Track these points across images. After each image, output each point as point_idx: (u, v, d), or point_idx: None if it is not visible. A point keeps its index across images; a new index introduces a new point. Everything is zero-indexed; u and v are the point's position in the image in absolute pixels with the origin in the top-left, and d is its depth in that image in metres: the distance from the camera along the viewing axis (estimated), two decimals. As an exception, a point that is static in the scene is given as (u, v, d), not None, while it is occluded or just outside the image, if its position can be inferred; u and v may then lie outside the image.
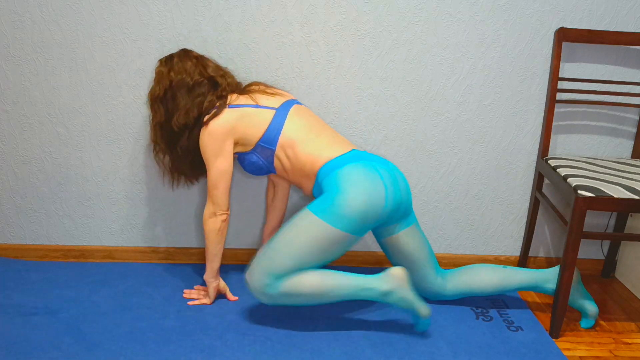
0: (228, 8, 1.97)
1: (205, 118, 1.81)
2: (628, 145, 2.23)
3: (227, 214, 1.85)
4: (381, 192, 1.72)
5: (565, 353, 1.84)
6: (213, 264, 1.91)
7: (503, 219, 2.31)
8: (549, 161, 2.06)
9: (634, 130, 2.22)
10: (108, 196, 2.16)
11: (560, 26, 2.07)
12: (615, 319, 2.07)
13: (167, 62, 1.86)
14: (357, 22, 2.02)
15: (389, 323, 1.90)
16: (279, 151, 1.82)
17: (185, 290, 2.01)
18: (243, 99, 1.85)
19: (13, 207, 2.16)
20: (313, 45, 2.04)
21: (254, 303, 1.98)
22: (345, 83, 2.09)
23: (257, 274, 1.74)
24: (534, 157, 2.22)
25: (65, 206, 2.16)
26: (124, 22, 1.97)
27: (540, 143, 2.18)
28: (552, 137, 2.21)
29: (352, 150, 1.82)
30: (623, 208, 1.78)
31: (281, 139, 1.81)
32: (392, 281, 1.77)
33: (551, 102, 2.08)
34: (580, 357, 1.84)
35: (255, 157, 1.85)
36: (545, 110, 2.13)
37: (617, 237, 1.88)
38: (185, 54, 1.87)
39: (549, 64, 2.12)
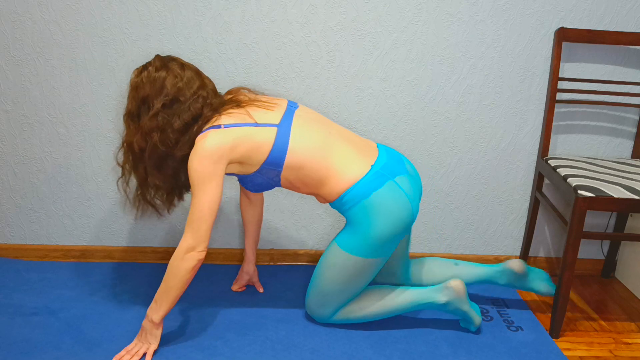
0: (228, 8, 1.97)
1: (198, 138, 1.59)
2: (628, 145, 2.23)
3: (205, 252, 1.60)
4: (408, 210, 1.69)
5: (565, 353, 1.84)
6: (171, 306, 1.63)
7: (503, 219, 2.31)
8: (549, 161, 2.06)
9: (634, 130, 2.22)
10: (108, 196, 2.16)
11: (560, 26, 2.07)
12: (615, 319, 2.07)
13: (162, 68, 1.62)
14: (357, 22, 2.02)
15: (389, 323, 1.90)
16: (286, 172, 1.66)
17: (115, 357, 1.64)
18: (238, 116, 1.63)
19: (13, 207, 2.16)
20: (313, 45, 2.04)
21: (254, 303, 1.98)
22: (345, 83, 2.09)
23: (314, 311, 1.82)
24: (534, 157, 2.22)
25: (65, 206, 2.16)
26: (124, 22, 1.97)
27: (540, 143, 2.18)
28: (552, 137, 2.21)
29: (373, 166, 1.68)
30: (623, 208, 1.78)
31: (288, 160, 1.63)
32: (450, 293, 1.81)
33: (551, 102, 2.08)
34: (580, 357, 1.84)
35: (259, 179, 1.69)
36: (545, 110, 2.13)
37: (617, 237, 1.88)
38: (176, 60, 1.66)
39: (549, 64, 2.12)
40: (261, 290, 2.05)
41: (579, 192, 1.78)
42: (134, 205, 1.72)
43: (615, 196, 1.77)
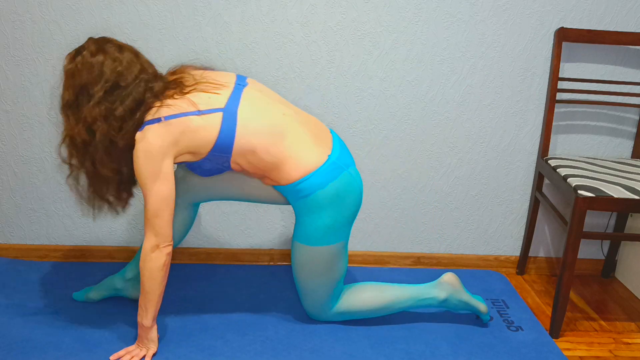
0: (228, 8, 1.97)
1: (138, 135, 1.50)
2: (628, 145, 2.23)
3: (171, 245, 1.57)
4: (360, 196, 1.70)
5: (565, 353, 1.84)
6: (157, 305, 1.61)
7: (503, 219, 2.31)
8: (549, 161, 2.06)
9: (634, 130, 2.22)
10: (108, 196, 2.16)
11: (560, 26, 2.07)
12: (615, 319, 2.07)
13: (98, 52, 1.49)
14: (357, 22, 2.02)
15: (389, 323, 1.90)
16: (236, 157, 1.58)
17: (112, 357, 1.64)
18: (179, 106, 1.52)
19: (13, 207, 2.16)
20: (313, 45, 2.04)
21: (254, 303, 1.98)
22: (345, 83, 2.09)
23: (314, 313, 1.83)
24: (534, 157, 2.22)
25: (65, 206, 2.16)
26: (124, 22, 1.97)
27: (540, 143, 2.18)
28: (552, 137, 2.21)
29: (330, 156, 1.63)
30: (623, 208, 1.78)
31: (236, 146, 1.55)
32: (447, 287, 1.83)
33: (551, 102, 2.08)
34: (580, 357, 1.84)
35: (208, 165, 1.61)
36: (545, 110, 2.13)
37: (617, 237, 1.88)
38: (112, 42, 1.53)
39: (549, 64, 2.12)
40: None
41: (579, 192, 1.78)
42: (88, 204, 1.61)
43: (615, 196, 1.77)
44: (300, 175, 1.60)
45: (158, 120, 1.51)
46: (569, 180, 1.86)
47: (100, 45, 1.51)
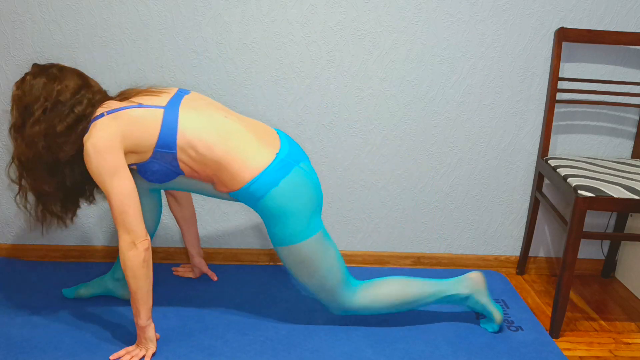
0: (228, 8, 1.97)
1: (85, 137, 1.54)
2: (628, 145, 2.24)
3: (147, 239, 1.56)
4: (317, 186, 1.71)
5: (565, 353, 1.84)
6: (148, 303, 1.60)
7: (503, 219, 2.31)
8: (549, 161, 2.06)
9: (634, 130, 2.22)
10: (108, 196, 2.16)
11: (560, 26, 2.07)
12: (615, 319, 2.07)
13: (39, 74, 1.58)
14: (357, 22, 2.02)
15: (389, 323, 1.90)
16: (180, 154, 1.59)
17: (111, 357, 1.65)
18: (120, 104, 1.59)
19: (13, 207, 2.16)
20: (313, 45, 2.04)
21: (254, 303, 1.98)
22: (345, 83, 2.09)
23: (334, 307, 1.80)
24: (534, 157, 2.22)
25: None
26: (124, 22, 1.97)
27: (540, 143, 2.18)
28: (552, 137, 2.21)
29: (277, 154, 1.65)
30: (623, 208, 1.78)
31: (179, 141, 1.57)
32: (471, 285, 1.84)
33: (551, 102, 2.08)
34: (580, 357, 1.84)
35: (156, 165, 1.61)
36: (545, 110, 2.13)
37: (617, 237, 1.88)
38: (55, 66, 1.61)
39: (549, 64, 2.12)
40: (215, 278, 2.10)
41: (579, 192, 1.78)
42: (37, 220, 1.66)
43: (615, 196, 1.77)
44: (250, 176, 1.61)
45: (101, 115, 1.56)
46: (569, 180, 1.86)
47: (43, 68, 1.59)
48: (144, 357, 1.65)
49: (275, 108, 2.10)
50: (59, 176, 1.61)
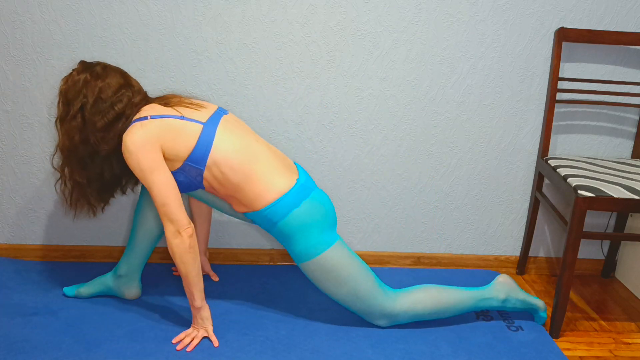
0: (228, 8, 1.97)
1: (125, 134, 1.62)
2: (628, 145, 2.24)
3: (191, 227, 1.64)
4: (330, 202, 1.79)
5: (565, 353, 1.84)
6: (199, 285, 1.69)
7: (503, 219, 2.31)
8: (549, 161, 2.06)
9: (634, 130, 2.22)
10: (108, 196, 2.16)
11: (560, 26, 2.07)
12: (615, 319, 2.07)
13: (84, 71, 1.66)
14: (357, 22, 2.02)
15: (389, 323, 1.91)
16: (208, 172, 1.66)
17: (173, 340, 1.74)
18: (164, 110, 1.67)
19: (13, 207, 2.16)
20: (313, 45, 2.04)
21: (254, 303, 1.98)
22: (345, 83, 2.09)
23: (373, 318, 1.82)
24: (534, 157, 2.22)
25: (65, 206, 2.16)
26: (124, 22, 1.97)
27: (540, 143, 2.18)
28: (552, 137, 2.21)
29: (298, 179, 1.74)
30: (623, 208, 1.78)
31: (210, 159, 1.65)
32: (504, 288, 1.89)
33: (551, 102, 2.08)
34: (580, 357, 1.84)
35: (181, 177, 1.68)
36: (545, 110, 2.13)
37: (617, 237, 1.88)
38: (100, 64, 1.70)
39: (549, 64, 2.12)
40: (216, 278, 2.11)
41: (579, 192, 1.78)
42: (70, 206, 1.76)
43: (615, 196, 1.77)
44: (273, 198, 1.69)
45: (145, 118, 1.64)
46: (569, 180, 1.86)
47: (88, 66, 1.68)
48: (203, 338, 1.75)
49: (275, 108, 2.10)
50: (95, 169, 1.70)
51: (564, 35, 2.05)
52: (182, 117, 1.65)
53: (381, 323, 1.84)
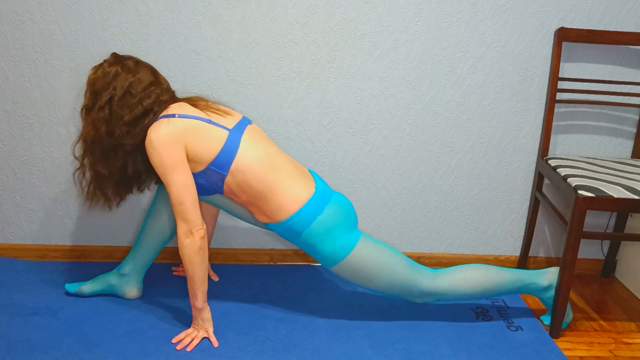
0: (228, 8, 1.97)
1: (151, 128, 1.61)
2: (628, 145, 2.23)
3: (203, 228, 1.64)
4: (351, 205, 1.81)
5: (565, 353, 1.84)
6: (204, 286, 1.70)
7: (503, 219, 2.31)
8: (549, 161, 2.06)
9: (634, 130, 2.22)
10: (108, 196, 2.16)
11: (560, 26, 2.07)
12: (615, 319, 2.07)
13: (115, 63, 1.66)
14: (357, 22, 2.02)
15: (389, 323, 1.90)
16: (230, 178, 1.67)
17: (173, 340, 1.74)
18: (192, 111, 1.67)
19: (13, 207, 2.16)
20: (313, 45, 2.04)
21: (254, 303, 1.98)
22: (345, 83, 2.09)
23: (416, 299, 1.84)
24: (534, 157, 2.22)
25: (65, 206, 2.16)
26: (124, 22, 1.97)
27: (540, 143, 2.18)
28: (552, 137, 2.21)
29: (316, 187, 1.75)
30: (623, 208, 1.78)
31: (234, 166, 1.65)
32: (551, 278, 1.89)
33: (551, 102, 2.08)
34: (580, 357, 1.84)
35: (202, 180, 1.68)
36: (545, 110, 2.13)
37: (617, 237, 1.88)
38: (132, 58, 1.70)
39: (549, 64, 2.12)
40: (216, 278, 2.11)
41: (579, 192, 1.78)
42: (87, 198, 1.76)
43: (615, 196, 1.77)
44: (296, 207, 1.70)
45: (172, 116, 1.63)
46: (569, 180, 1.86)
47: (119, 59, 1.68)
48: (202, 339, 1.75)
49: (275, 108, 2.10)
50: (117, 162, 1.69)
51: (564, 35, 2.04)
52: (209, 121, 1.66)
53: (426, 300, 1.85)
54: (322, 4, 1.99)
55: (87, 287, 1.93)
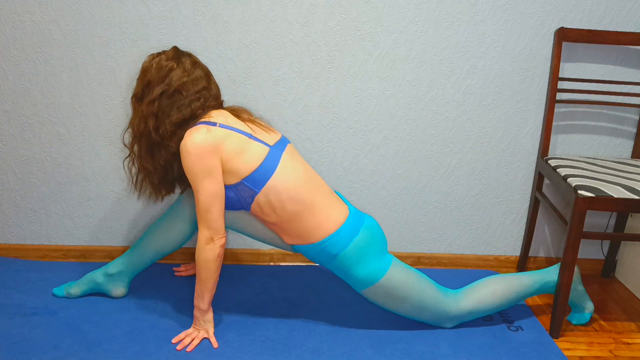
0: (228, 8, 1.97)
1: (188, 132, 1.58)
2: (628, 145, 2.24)
3: (225, 237, 1.65)
4: (377, 224, 1.79)
5: (565, 353, 1.84)
6: (213, 291, 1.71)
7: (503, 219, 2.31)
8: (549, 161, 2.06)
9: (634, 130, 2.22)
10: (108, 196, 2.16)
11: (560, 26, 2.07)
12: (615, 319, 2.07)
13: (173, 58, 1.63)
14: (357, 22, 2.02)
15: (389, 323, 1.90)
16: (261, 196, 1.62)
17: (173, 340, 1.74)
18: (235, 122, 1.64)
19: (13, 207, 2.16)
20: (313, 45, 2.04)
21: (254, 303, 1.98)
22: (345, 83, 2.09)
23: (438, 323, 1.84)
24: (534, 157, 2.22)
25: (65, 206, 2.16)
26: (124, 22, 1.97)
27: (540, 143, 2.18)
28: (552, 137, 2.21)
29: (349, 208, 1.74)
30: (623, 208, 1.78)
31: (269, 184, 1.61)
32: None
33: (551, 102, 2.08)
34: (580, 357, 1.84)
35: (232, 193, 1.64)
36: (545, 110, 2.13)
37: (617, 237, 1.88)
38: (191, 57, 1.67)
39: (549, 64, 2.12)
40: None
41: (579, 192, 1.78)
42: (134, 186, 1.78)
43: (615, 196, 1.77)
44: (333, 228, 1.68)
45: (214, 124, 1.60)
46: (569, 180, 1.86)
47: (178, 54, 1.65)
48: (203, 339, 1.75)
49: (275, 108, 2.10)
50: (161, 160, 1.67)
51: (564, 35, 2.05)
52: (250, 135, 1.62)
53: (448, 325, 1.86)
54: (322, 4, 1.99)
55: (74, 289, 1.92)
